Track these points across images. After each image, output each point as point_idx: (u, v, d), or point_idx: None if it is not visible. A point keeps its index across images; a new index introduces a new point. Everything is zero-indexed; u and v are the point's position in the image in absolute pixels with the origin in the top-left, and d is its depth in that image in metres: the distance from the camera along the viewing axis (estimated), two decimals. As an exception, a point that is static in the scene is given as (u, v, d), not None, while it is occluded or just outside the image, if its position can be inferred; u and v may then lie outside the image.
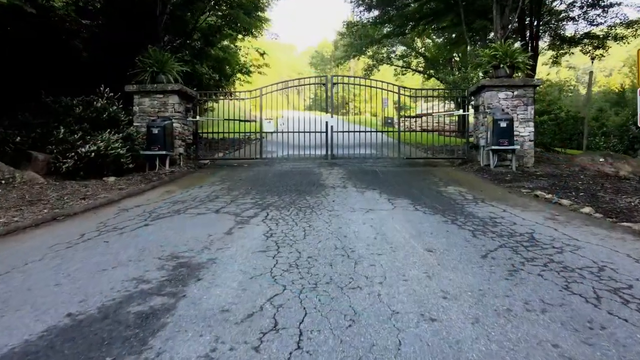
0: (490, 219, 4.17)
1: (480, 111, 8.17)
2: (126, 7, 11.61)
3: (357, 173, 7.60)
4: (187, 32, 15.64)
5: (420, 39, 30.07)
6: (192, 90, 8.82)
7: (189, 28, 15.42)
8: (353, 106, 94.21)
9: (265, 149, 11.46)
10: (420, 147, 12.01)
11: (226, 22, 14.98)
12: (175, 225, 4.10)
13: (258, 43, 22.35)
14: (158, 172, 7.49)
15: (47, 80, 8.16)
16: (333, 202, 5.04)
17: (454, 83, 27.98)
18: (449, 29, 13.90)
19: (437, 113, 9.33)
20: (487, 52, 7.93)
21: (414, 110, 56.54)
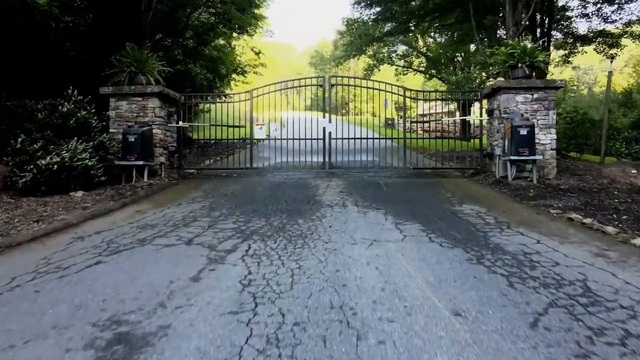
0: (525, 256, 3.35)
1: (495, 116, 7.34)
2: (109, 3, 10.81)
3: (358, 186, 6.78)
4: (179, 30, 14.84)
5: (422, 38, 29.30)
6: (175, 92, 7.99)
7: (181, 26, 14.62)
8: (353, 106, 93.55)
9: (259, 154, 10.67)
10: (426, 152, 11.20)
11: (219, 20, 14.17)
12: (132, 263, 3.28)
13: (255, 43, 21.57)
14: (134, 185, 6.67)
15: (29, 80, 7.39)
16: (330, 228, 4.22)
17: (457, 83, 27.23)
18: (455, 26, 13.09)
19: (449, 119, 8.43)
20: (504, 50, 7.11)
21: (414, 110, 55.99)
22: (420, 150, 11.54)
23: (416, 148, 10.43)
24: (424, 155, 10.83)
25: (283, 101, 34.95)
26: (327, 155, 7.91)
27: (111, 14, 10.93)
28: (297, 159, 8.83)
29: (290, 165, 8.49)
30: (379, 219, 4.60)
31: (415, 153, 9.74)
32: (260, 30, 16.20)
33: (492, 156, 7.34)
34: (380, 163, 9.14)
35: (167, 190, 6.64)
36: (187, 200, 5.77)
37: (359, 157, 9.01)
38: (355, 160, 9.14)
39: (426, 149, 11.49)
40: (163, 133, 7.51)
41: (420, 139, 9.15)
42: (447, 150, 10.73)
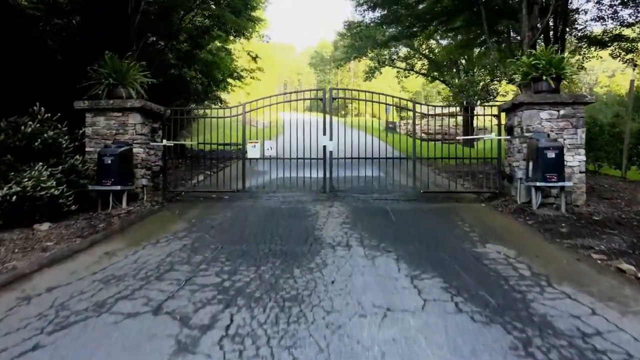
0: (584, 340, 2.60)
1: (515, 134, 6.58)
2: (93, 5, 10.07)
3: (363, 214, 6.02)
4: (172, 33, 14.09)
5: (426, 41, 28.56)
6: (160, 106, 7.23)
7: (174, 29, 13.87)
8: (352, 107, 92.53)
9: (253, 168, 9.92)
10: (433, 165, 10.45)
11: (214, 23, 13.42)
12: (78, 350, 2.52)
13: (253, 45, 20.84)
14: (110, 213, 5.91)
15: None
16: (332, 285, 3.47)
17: (461, 87, 26.49)
18: (463, 29, 12.32)
19: (465, 138, 7.65)
20: (526, 60, 6.35)
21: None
22: (428, 162, 10.81)
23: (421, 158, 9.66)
24: (432, 169, 10.08)
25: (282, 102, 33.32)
26: (329, 176, 7.12)
27: (94, 17, 10.21)
28: (296, 174, 8.01)
29: (287, 185, 7.70)
30: (390, 270, 3.84)
31: (425, 167, 9.00)
32: (256, 34, 15.44)
33: (512, 178, 6.58)
34: (386, 181, 8.37)
35: (147, 219, 5.87)
36: (167, 236, 5.01)
37: (362, 171, 8.26)
38: (359, 177, 8.40)
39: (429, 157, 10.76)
40: (145, 152, 6.75)
41: (431, 158, 8.27)
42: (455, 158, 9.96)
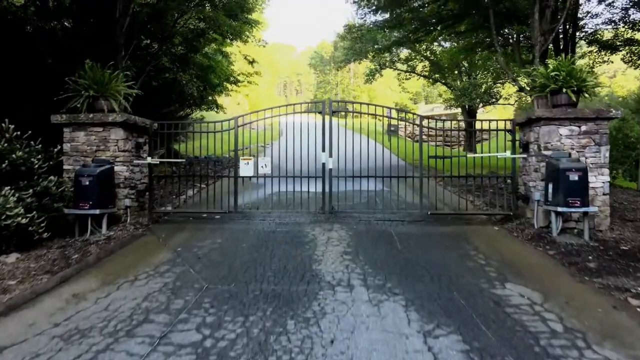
0: None
1: (531, 151, 6.05)
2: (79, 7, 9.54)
3: (366, 241, 5.48)
4: (165, 36, 13.56)
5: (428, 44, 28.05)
6: (145, 120, 6.69)
7: (166, 32, 13.34)
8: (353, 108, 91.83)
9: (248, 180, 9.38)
10: (439, 179, 9.91)
11: (209, 26, 12.89)
12: None
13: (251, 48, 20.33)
14: (89, 239, 5.38)
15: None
16: (331, 346, 2.94)
17: (463, 89, 25.96)
18: (468, 33, 11.77)
19: (481, 155, 7.10)
20: (543, 71, 5.81)
21: (415, 111, 54.88)
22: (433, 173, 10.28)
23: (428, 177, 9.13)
24: (438, 181, 9.54)
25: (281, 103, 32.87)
26: (328, 195, 6.55)
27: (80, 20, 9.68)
28: (293, 188, 7.39)
29: (283, 202, 7.11)
30: (399, 322, 3.31)
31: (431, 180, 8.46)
32: (253, 38, 14.89)
33: (528, 199, 6.05)
34: (390, 197, 7.85)
35: (128, 247, 5.33)
36: (148, 270, 4.47)
37: (364, 184, 7.71)
38: (361, 192, 7.82)
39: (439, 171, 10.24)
40: (129, 170, 6.21)
41: (441, 177, 7.68)
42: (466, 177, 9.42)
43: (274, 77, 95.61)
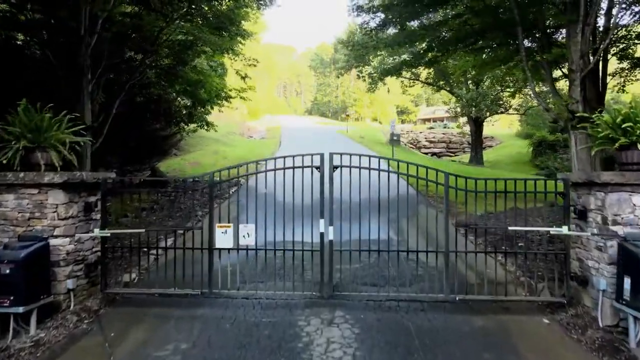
0: None
1: (591, 222, 4.68)
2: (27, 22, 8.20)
3: (378, 346, 4.13)
4: (149, 50, 12.24)
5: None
6: (97, 174, 5.30)
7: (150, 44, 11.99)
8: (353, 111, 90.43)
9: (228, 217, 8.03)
10: (461, 218, 8.54)
11: (194, 40, 11.55)
12: None
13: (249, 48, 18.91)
14: (10, 346, 4.03)
15: None
16: None
17: (471, 100, 24.61)
18: (487, 49, 10.40)
19: (525, 229, 5.64)
20: (608, 119, 4.47)
21: (416, 114, 53.89)
22: (456, 206, 8.97)
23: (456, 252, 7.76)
24: (453, 220, 8.16)
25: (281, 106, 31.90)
26: (328, 276, 5.07)
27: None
28: (284, 232, 5.85)
29: (271, 269, 5.63)
30: None
31: (449, 221, 7.08)
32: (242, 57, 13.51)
33: (586, 282, 4.69)
34: (404, 258, 6.42)
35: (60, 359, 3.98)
36: None
37: (367, 227, 6.31)
38: (367, 242, 6.37)
39: (459, 204, 8.93)
40: (74, 241, 4.86)
41: (472, 252, 6.05)
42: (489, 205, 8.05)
43: (273, 78, 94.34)
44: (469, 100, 24.18)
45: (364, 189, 5.06)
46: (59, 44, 8.21)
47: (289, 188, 5.12)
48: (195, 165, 18.80)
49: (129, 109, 13.23)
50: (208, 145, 25.07)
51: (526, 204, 5.92)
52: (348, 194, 5.30)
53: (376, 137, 37.20)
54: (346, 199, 5.41)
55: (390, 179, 5.24)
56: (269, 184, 5.14)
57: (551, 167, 26.45)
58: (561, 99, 7.49)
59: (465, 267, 5.91)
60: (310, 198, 5.29)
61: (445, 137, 44.61)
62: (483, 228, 6.05)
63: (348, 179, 5.18)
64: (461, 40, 8.92)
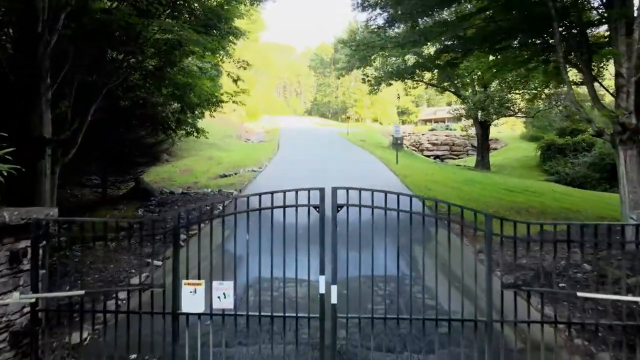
0: None
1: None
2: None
3: None
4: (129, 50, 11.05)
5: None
6: (31, 210, 4.07)
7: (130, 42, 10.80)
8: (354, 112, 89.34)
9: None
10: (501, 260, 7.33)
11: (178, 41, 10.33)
12: None
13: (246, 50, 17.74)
14: None
15: None
16: None
17: (479, 103, 23.40)
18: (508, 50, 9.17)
19: (601, 297, 4.37)
20: None
21: (417, 114, 52.85)
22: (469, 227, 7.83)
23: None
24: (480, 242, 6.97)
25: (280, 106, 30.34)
26: (330, 342, 3.88)
27: None
28: (271, 292, 4.66)
29: (254, 331, 4.35)
30: None
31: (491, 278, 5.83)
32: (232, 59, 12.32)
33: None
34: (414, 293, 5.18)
35: None
36: None
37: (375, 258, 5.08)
38: (375, 281, 5.17)
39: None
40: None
41: (519, 322, 4.54)
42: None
43: (273, 78, 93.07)
44: (476, 103, 22.96)
45: (378, 235, 3.81)
46: (14, 41, 7.02)
47: (278, 233, 3.87)
48: (186, 173, 17.60)
49: (110, 114, 12.06)
50: (202, 150, 23.80)
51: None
52: (356, 241, 4.02)
53: (377, 140, 35.98)
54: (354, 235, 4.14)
55: (413, 218, 3.99)
56: (253, 227, 3.91)
57: (561, 172, 25.27)
58: (606, 109, 6.28)
59: (514, 334, 4.58)
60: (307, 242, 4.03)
61: (448, 139, 43.45)
62: (540, 291, 4.62)
63: (356, 220, 3.93)
64: (486, 39, 7.69)
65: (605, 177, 23.02)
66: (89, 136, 11.23)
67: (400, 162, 18.75)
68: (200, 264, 3.80)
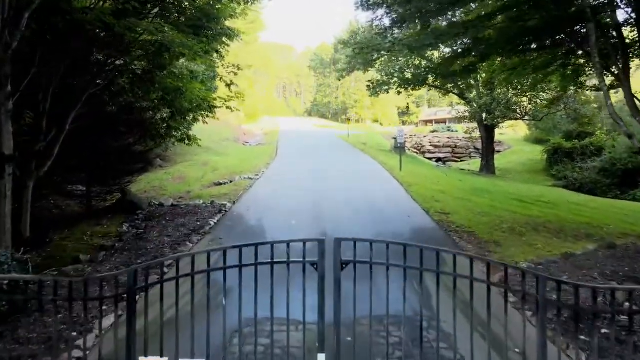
0: None
1: None
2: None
3: None
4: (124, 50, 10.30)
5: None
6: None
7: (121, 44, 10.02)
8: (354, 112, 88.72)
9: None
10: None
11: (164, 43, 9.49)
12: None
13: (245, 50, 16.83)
14: None
15: None
16: None
17: (485, 105, 22.53)
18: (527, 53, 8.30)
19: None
20: None
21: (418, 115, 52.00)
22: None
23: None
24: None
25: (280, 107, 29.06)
26: None
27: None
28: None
29: None
30: None
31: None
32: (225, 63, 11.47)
33: None
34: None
35: None
36: None
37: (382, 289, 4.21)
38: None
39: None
40: None
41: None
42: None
43: (272, 78, 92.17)
44: (482, 106, 22.09)
45: (395, 300, 2.93)
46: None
47: (264, 296, 2.99)
48: (179, 181, 16.74)
49: (94, 121, 11.20)
50: (198, 155, 22.90)
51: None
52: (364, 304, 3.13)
53: (379, 142, 35.12)
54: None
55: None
56: (233, 287, 3.04)
57: (570, 177, 24.39)
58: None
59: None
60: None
61: (450, 141, 42.62)
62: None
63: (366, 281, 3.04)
64: (510, 41, 6.79)
65: (616, 183, 22.19)
66: (71, 146, 10.40)
67: (404, 169, 17.88)
68: (163, 335, 2.93)
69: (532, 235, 8.88)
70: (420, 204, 11.58)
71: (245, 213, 10.92)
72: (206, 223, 9.94)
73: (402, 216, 10.36)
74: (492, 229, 9.21)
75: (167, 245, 8.48)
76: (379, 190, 13.43)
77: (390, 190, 13.56)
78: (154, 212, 11.27)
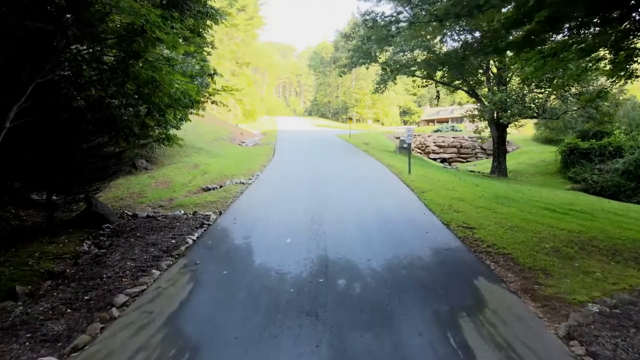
0: None
1: None
2: None
3: None
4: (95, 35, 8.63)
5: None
6: None
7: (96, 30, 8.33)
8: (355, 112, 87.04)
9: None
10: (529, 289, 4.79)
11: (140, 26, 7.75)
12: None
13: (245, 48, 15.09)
14: None
15: None
16: None
17: (500, 103, 20.78)
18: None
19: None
20: None
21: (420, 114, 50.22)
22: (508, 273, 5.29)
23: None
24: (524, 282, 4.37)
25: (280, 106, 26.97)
26: None
27: None
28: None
29: None
30: None
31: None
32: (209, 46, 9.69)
33: None
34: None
35: None
36: None
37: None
38: None
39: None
40: None
41: None
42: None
43: (272, 78, 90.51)
44: (497, 103, 20.33)
45: None
46: None
47: None
48: (162, 186, 14.97)
49: (53, 117, 9.48)
50: (189, 156, 21.11)
51: None
52: None
53: (382, 142, 33.36)
54: None
55: None
56: None
57: (589, 180, 22.64)
58: None
59: None
60: None
61: (455, 141, 40.95)
62: None
63: None
64: (560, 19, 5.12)
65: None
66: (19, 149, 8.71)
67: (413, 172, 16.14)
68: None
69: (584, 259, 7.14)
70: (438, 215, 9.85)
71: (231, 227, 9.18)
72: (183, 241, 8.22)
73: (419, 231, 8.63)
74: (533, 250, 7.47)
75: (128, 274, 6.74)
76: (388, 198, 11.69)
77: (401, 198, 11.83)
78: (124, 226, 9.54)
